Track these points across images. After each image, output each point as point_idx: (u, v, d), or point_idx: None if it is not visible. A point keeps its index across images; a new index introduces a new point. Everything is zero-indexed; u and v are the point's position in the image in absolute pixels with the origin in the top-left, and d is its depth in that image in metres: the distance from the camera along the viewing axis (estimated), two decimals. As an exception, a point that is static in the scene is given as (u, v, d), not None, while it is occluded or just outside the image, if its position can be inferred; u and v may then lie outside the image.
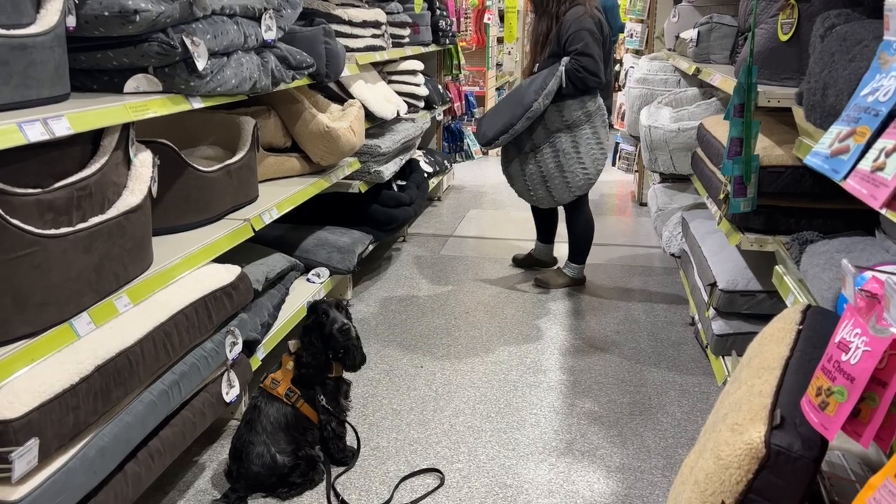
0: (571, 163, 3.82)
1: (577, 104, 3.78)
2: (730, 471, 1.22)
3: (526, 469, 2.52)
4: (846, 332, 1.16)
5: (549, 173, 3.86)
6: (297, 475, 2.36)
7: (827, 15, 2.05)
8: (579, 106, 3.78)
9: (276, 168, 3.37)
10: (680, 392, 3.04)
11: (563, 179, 3.85)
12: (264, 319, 2.83)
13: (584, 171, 3.85)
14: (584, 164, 3.84)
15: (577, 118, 3.79)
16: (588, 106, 3.80)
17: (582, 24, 3.71)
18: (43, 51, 1.75)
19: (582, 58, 3.68)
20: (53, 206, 1.75)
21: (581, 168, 3.84)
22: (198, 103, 2.32)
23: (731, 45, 3.89)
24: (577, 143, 3.81)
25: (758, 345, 1.64)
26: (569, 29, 3.72)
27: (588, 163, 3.84)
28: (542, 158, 3.86)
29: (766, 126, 2.79)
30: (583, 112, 3.79)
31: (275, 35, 2.73)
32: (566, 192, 3.90)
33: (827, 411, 1.14)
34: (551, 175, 3.85)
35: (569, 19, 3.75)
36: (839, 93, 1.73)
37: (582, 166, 3.84)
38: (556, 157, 3.82)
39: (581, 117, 3.79)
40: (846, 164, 1.10)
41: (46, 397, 1.64)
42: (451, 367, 3.25)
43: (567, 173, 3.84)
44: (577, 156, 3.82)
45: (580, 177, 3.85)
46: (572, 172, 3.84)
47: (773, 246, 2.52)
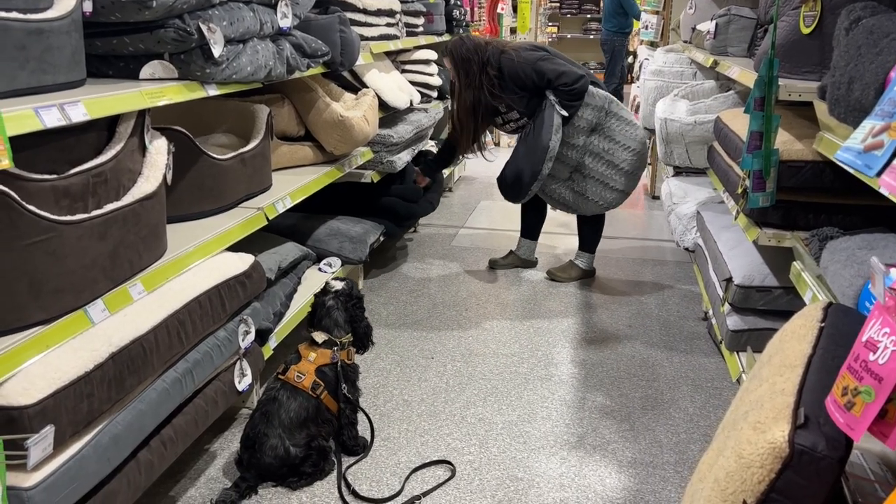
0: (618, 155, 3.83)
1: (586, 111, 3.79)
2: (752, 469, 1.20)
3: (537, 462, 2.51)
4: (874, 331, 1.14)
5: (607, 176, 3.87)
6: (308, 465, 2.35)
7: (852, 7, 2.02)
8: (587, 111, 3.79)
9: (290, 157, 3.36)
10: (693, 387, 3.02)
11: (620, 170, 3.86)
12: (277, 308, 2.82)
13: (630, 152, 3.84)
14: (629, 145, 3.83)
15: (594, 120, 3.80)
16: (595, 102, 3.79)
17: (529, 61, 3.75)
18: (60, 36, 1.74)
19: (559, 81, 3.71)
20: (69, 193, 1.74)
21: (627, 151, 3.84)
22: (213, 90, 2.31)
23: (750, 37, 3.85)
24: (612, 137, 3.82)
25: (778, 342, 1.62)
26: (525, 71, 3.74)
27: (632, 143, 3.84)
28: (589, 170, 3.87)
29: (785, 120, 2.75)
30: (594, 113, 3.80)
31: (290, 22, 2.71)
32: (630, 180, 3.91)
33: (853, 411, 1.12)
34: (609, 176, 3.87)
35: (514, 71, 3.76)
36: (865, 87, 1.70)
37: (626, 149, 3.83)
38: (602, 158, 3.84)
39: (597, 117, 3.80)
40: (880, 159, 1.08)
41: (61, 384, 1.64)
42: (462, 359, 3.24)
43: (620, 164, 3.85)
44: (616, 145, 3.83)
45: (629, 161, 3.85)
46: (623, 160, 3.84)
47: (792, 241, 2.49)
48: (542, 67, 3.73)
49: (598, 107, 3.80)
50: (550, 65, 3.74)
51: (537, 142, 3.73)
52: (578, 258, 4.24)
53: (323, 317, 2.51)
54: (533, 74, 3.73)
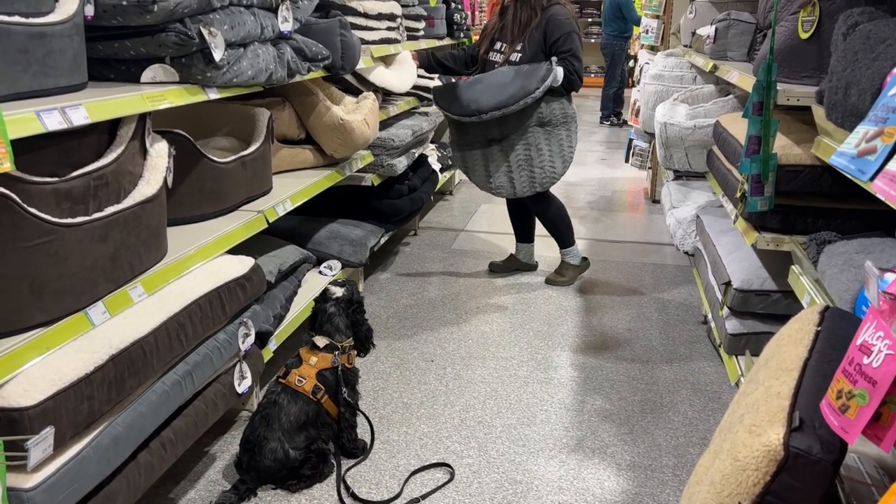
0: (542, 159, 3.83)
1: (557, 104, 3.80)
2: (747, 472, 1.21)
3: (536, 465, 2.52)
4: (868, 334, 1.15)
5: (518, 165, 3.85)
6: (307, 468, 2.36)
7: (850, 13, 2.03)
8: (559, 107, 3.81)
9: (290, 160, 3.37)
10: (692, 391, 3.03)
11: (531, 173, 3.85)
12: (277, 311, 2.83)
13: (551, 169, 3.86)
14: (554, 163, 3.85)
15: (555, 117, 3.81)
16: (567, 109, 3.84)
17: (572, 27, 3.80)
18: (61, 39, 1.75)
19: (574, 60, 3.75)
20: (70, 195, 1.75)
21: (550, 165, 3.85)
22: (214, 94, 2.32)
23: (749, 42, 3.86)
24: (551, 142, 3.83)
25: (775, 345, 1.63)
26: (560, 28, 3.76)
27: (558, 163, 3.86)
28: (512, 150, 3.83)
29: (784, 125, 2.76)
30: (562, 113, 3.82)
31: (291, 26, 2.72)
32: (529, 186, 3.89)
33: (847, 414, 1.13)
34: (519, 167, 3.85)
35: (558, 18, 3.79)
36: (862, 92, 1.71)
37: (551, 164, 3.85)
38: (528, 150, 3.82)
39: (560, 118, 3.82)
40: (873, 164, 1.09)
41: (61, 386, 1.65)
42: (462, 362, 3.25)
43: (536, 168, 3.84)
44: (550, 154, 3.83)
45: (547, 173, 3.86)
46: (541, 168, 3.84)
47: (790, 245, 2.50)
48: (574, 39, 3.77)
49: (566, 114, 3.84)
50: (579, 46, 3.80)
51: (524, 82, 3.67)
52: (566, 256, 4.23)
53: (324, 322, 2.52)
54: (565, 36, 3.75)
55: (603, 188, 6.59)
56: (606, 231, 5.29)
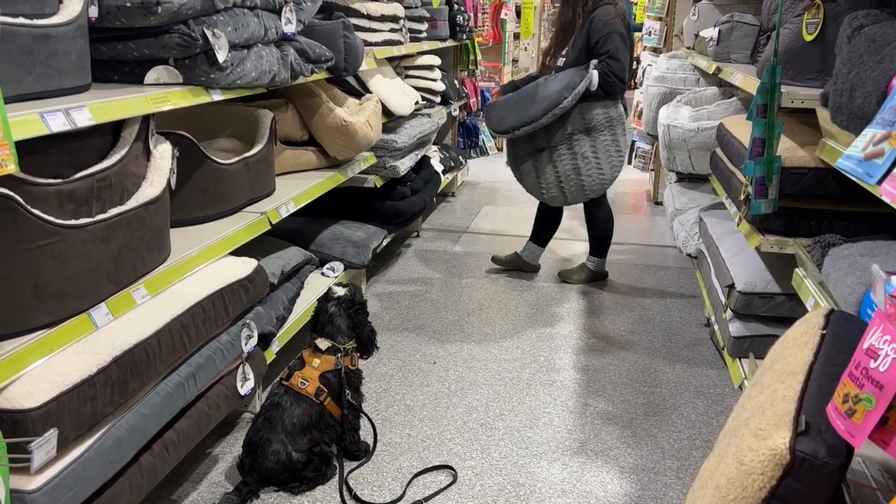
0: (590, 167, 3.82)
1: (600, 108, 3.77)
2: (752, 476, 1.20)
3: (539, 468, 2.51)
4: (875, 338, 1.14)
5: (566, 175, 3.84)
6: (310, 470, 2.36)
7: (855, 15, 2.02)
8: (602, 110, 3.77)
9: (293, 161, 3.37)
10: (695, 393, 3.02)
11: (580, 182, 3.85)
12: (279, 313, 2.83)
13: (600, 176, 3.84)
14: (602, 169, 3.83)
15: (598, 122, 3.77)
16: (610, 111, 3.79)
17: (614, 27, 3.71)
18: (66, 41, 1.75)
19: (612, 62, 3.69)
20: (74, 197, 1.75)
21: (598, 173, 3.83)
22: (217, 95, 2.32)
23: (753, 44, 3.85)
24: (597, 148, 3.80)
25: (780, 349, 1.62)
26: (601, 29, 3.70)
27: (606, 168, 3.84)
28: (559, 159, 3.82)
29: (788, 127, 2.75)
30: (605, 117, 3.78)
31: (294, 28, 2.73)
32: (581, 194, 3.91)
33: (854, 419, 1.12)
34: (567, 177, 3.84)
35: (601, 19, 3.73)
36: (867, 94, 1.70)
37: (599, 171, 3.83)
38: (574, 159, 3.80)
39: (603, 122, 3.78)
40: (881, 168, 1.08)
41: (64, 388, 1.64)
42: (464, 364, 3.24)
43: (584, 177, 3.83)
44: (596, 160, 3.81)
45: (596, 181, 3.86)
46: (589, 176, 3.83)
47: (794, 248, 2.49)
48: (614, 39, 3.69)
49: (610, 117, 3.79)
50: (620, 48, 3.71)
51: (552, 91, 3.69)
52: (589, 261, 4.27)
53: (326, 323, 2.52)
54: (603, 37, 3.70)
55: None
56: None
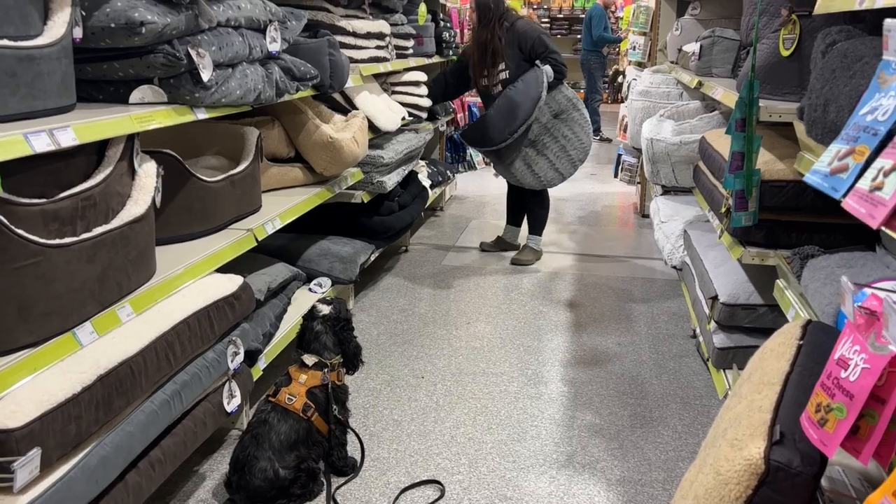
0: (572, 143, 4.52)
1: (558, 94, 4.48)
2: (729, 486, 1.22)
3: (526, 481, 2.52)
4: (845, 348, 1.17)
5: (557, 157, 4.52)
6: (297, 487, 2.35)
7: (828, 31, 2.07)
8: (562, 95, 4.49)
9: (280, 178, 3.39)
10: (681, 405, 3.04)
11: (569, 157, 4.54)
12: (266, 329, 2.84)
13: (582, 145, 4.57)
14: (582, 140, 4.56)
15: (562, 105, 4.49)
16: (566, 92, 4.52)
17: (537, 31, 4.52)
18: (50, 62, 1.77)
19: (554, 55, 4.44)
20: (58, 216, 1.76)
21: (580, 143, 4.55)
22: (202, 114, 2.34)
23: (734, 58, 3.91)
24: (571, 125, 4.50)
25: (758, 360, 1.64)
26: (529, 37, 4.44)
27: (584, 138, 4.57)
28: (546, 148, 4.50)
29: (767, 140, 2.80)
30: (565, 97, 4.50)
31: (279, 47, 2.75)
32: (571, 166, 4.59)
33: (826, 428, 1.14)
34: (558, 157, 4.52)
35: (524, 30, 4.46)
36: (840, 109, 1.74)
37: (580, 142, 4.56)
38: (558, 141, 4.49)
39: (565, 103, 4.49)
40: (845, 182, 1.11)
41: (49, 406, 1.64)
42: (452, 378, 3.25)
43: (571, 151, 4.53)
44: (575, 135, 4.52)
45: (581, 151, 4.57)
46: (575, 149, 4.54)
47: (775, 260, 2.52)
48: (544, 39, 4.45)
49: (568, 98, 4.52)
50: (549, 41, 4.50)
51: (528, 93, 4.31)
52: (531, 241, 4.88)
53: (311, 340, 2.53)
54: (535, 41, 4.41)
55: (592, 203, 6.63)
56: (596, 246, 5.32)
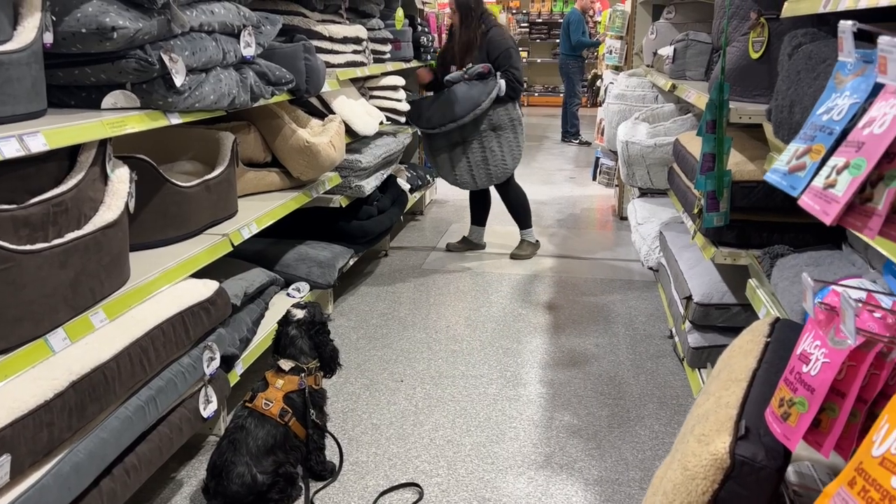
0: (496, 159, 4.65)
1: (503, 111, 4.60)
2: (696, 481, 1.24)
3: (505, 483, 2.53)
4: (807, 344, 1.19)
5: (476, 164, 4.66)
6: (275, 492, 2.35)
7: (794, 34, 2.11)
8: (505, 112, 4.60)
9: (256, 183, 3.38)
10: (658, 404, 3.07)
11: (487, 170, 4.69)
12: (243, 334, 2.83)
13: (503, 166, 4.69)
14: (506, 161, 4.68)
15: (503, 122, 4.60)
16: (512, 113, 4.63)
17: (509, 44, 4.62)
18: (20, 67, 1.76)
19: (515, 71, 4.57)
20: (29, 222, 1.75)
21: (502, 163, 4.68)
22: (176, 119, 2.33)
23: (707, 62, 3.96)
24: (502, 143, 4.63)
25: (727, 357, 1.67)
26: (499, 46, 4.57)
27: (508, 160, 4.69)
28: (471, 152, 4.65)
29: (738, 142, 2.84)
30: (508, 118, 4.61)
31: (254, 51, 2.75)
32: (488, 180, 4.75)
33: (789, 422, 1.16)
34: (477, 165, 4.66)
35: (496, 39, 4.60)
36: (805, 110, 1.77)
37: (503, 162, 4.68)
38: (483, 152, 4.63)
39: (506, 122, 4.61)
40: (802, 180, 1.14)
41: (19, 413, 1.63)
42: (432, 382, 3.26)
43: (491, 167, 4.67)
44: (501, 153, 4.64)
45: (500, 169, 4.70)
46: (496, 166, 4.68)
47: (747, 259, 2.56)
48: (511, 53, 4.59)
49: (511, 118, 4.62)
50: (516, 56, 4.64)
51: (470, 98, 4.47)
52: (525, 235, 5.06)
53: (287, 345, 2.52)
54: (503, 52, 4.56)
55: (571, 206, 6.67)
56: (575, 248, 5.35)
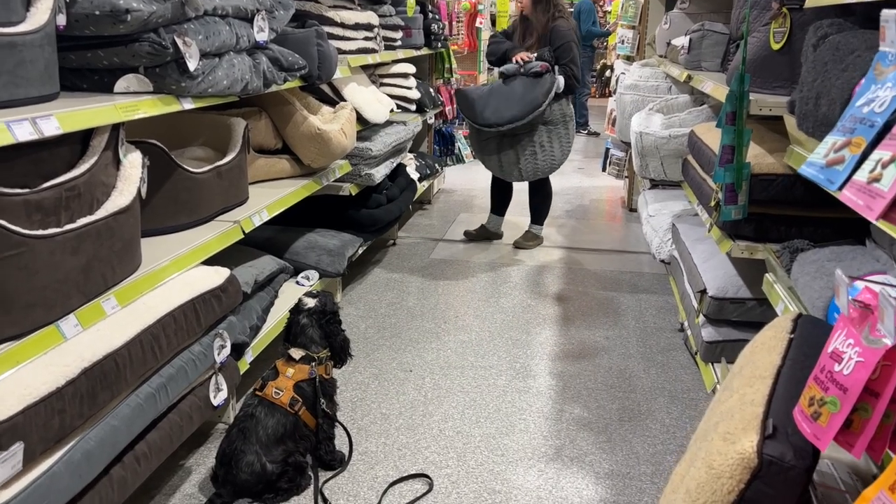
0: (545, 153, 4.59)
1: (557, 106, 4.53)
2: (721, 480, 1.22)
3: (515, 475, 2.51)
4: (839, 342, 1.16)
5: (525, 158, 4.59)
6: (284, 481, 2.34)
7: (819, 24, 2.06)
8: (559, 108, 4.55)
9: (267, 170, 3.36)
10: (669, 398, 3.05)
11: (535, 164, 4.61)
12: (253, 322, 2.81)
13: (552, 160, 4.63)
14: (555, 155, 4.62)
15: (556, 118, 4.54)
16: (565, 109, 4.59)
17: (572, 37, 4.56)
18: (32, 49, 1.73)
19: (573, 67, 4.53)
20: (41, 207, 1.73)
21: (551, 158, 4.62)
22: (189, 104, 2.30)
23: (723, 52, 3.91)
24: (552, 138, 4.56)
25: (749, 353, 1.64)
26: (562, 39, 4.52)
27: (558, 155, 4.64)
28: (521, 145, 4.55)
29: (757, 134, 2.80)
30: (561, 113, 4.56)
31: (267, 36, 2.72)
32: (534, 173, 4.68)
33: (819, 422, 1.14)
34: (526, 159, 4.59)
35: (561, 30, 4.55)
36: (832, 102, 1.73)
37: (552, 157, 4.62)
38: (533, 147, 4.56)
39: (559, 117, 4.55)
40: (841, 174, 1.10)
41: (31, 400, 1.62)
42: (441, 372, 3.24)
43: (539, 161, 4.61)
44: (552, 148, 4.58)
45: (548, 164, 4.65)
46: (544, 161, 4.62)
47: (764, 254, 2.52)
48: (573, 48, 4.54)
49: (564, 114, 4.58)
50: (577, 55, 4.59)
51: (532, 98, 4.38)
52: (534, 228, 5.09)
53: (298, 334, 2.51)
54: (565, 45, 4.50)
55: (580, 197, 6.63)
56: (584, 240, 5.32)
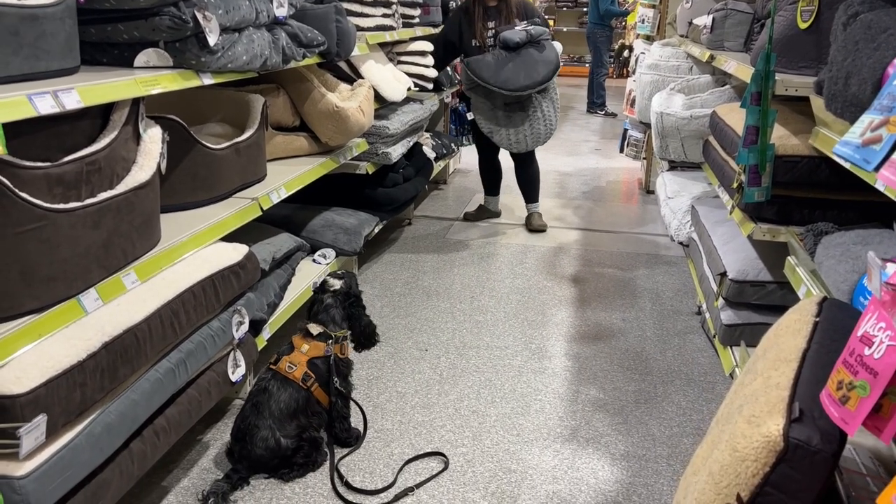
0: (547, 120, 4.70)
1: None
2: (746, 463, 1.20)
3: (530, 455, 2.52)
4: (869, 325, 1.14)
5: (533, 126, 4.65)
6: (300, 457, 2.35)
7: (850, 2, 2.02)
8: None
9: (285, 147, 3.35)
10: (685, 381, 3.03)
11: (540, 131, 4.71)
12: (270, 299, 2.81)
13: (551, 126, 4.74)
14: (552, 121, 4.74)
15: (551, 84, 4.68)
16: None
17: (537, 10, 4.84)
18: (54, 22, 1.73)
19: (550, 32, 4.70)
20: (62, 181, 1.73)
21: (551, 123, 4.72)
22: (208, 79, 2.29)
23: (747, 32, 3.84)
24: (547, 102, 4.67)
25: (773, 336, 1.62)
26: (534, 11, 4.79)
27: (554, 121, 4.76)
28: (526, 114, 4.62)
29: (781, 115, 2.75)
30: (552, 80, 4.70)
31: (286, 12, 2.69)
32: (535, 141, 4.73)
33: (848, 406, 1.12)
34: (533, 127, 4.66)
35: (531, 4, 4.83)
36: (862, 82, 1.70)
37: (551, 122, 4.73)
38: (537, 112, 4.64)
39: (552, 84, 4.68)
40: (879, 154, 1.08)
41: (54, 373, 1.63)
42: (456, 351, 3.24)
43: (542, 127, 4.70)
44: (550, 114, 4.70)
45: (549, 130, 4.74)
46: (545, 127, 4.72)
47: (786, 236, 2.49)
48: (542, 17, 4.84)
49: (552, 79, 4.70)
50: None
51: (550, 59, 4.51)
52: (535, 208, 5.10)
53: (320, 311, 2.52)
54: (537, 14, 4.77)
55: (597, 178, 6.59)
56: (600, 221, 5.28)
